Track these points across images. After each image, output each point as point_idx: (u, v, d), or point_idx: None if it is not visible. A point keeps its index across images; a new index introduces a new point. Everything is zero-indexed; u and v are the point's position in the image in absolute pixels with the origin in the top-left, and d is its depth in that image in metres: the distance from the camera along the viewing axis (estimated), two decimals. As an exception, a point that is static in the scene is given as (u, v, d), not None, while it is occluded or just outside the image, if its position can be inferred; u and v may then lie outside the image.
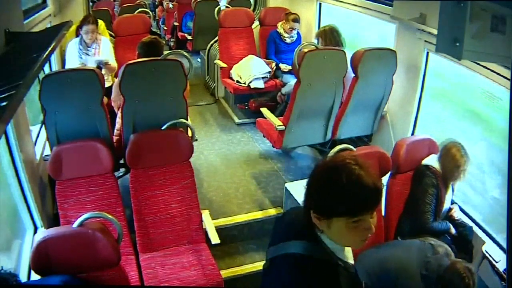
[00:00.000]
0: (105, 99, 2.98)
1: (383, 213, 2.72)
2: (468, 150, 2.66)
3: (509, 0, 1.84)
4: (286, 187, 3.23)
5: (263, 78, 4.39)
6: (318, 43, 3.67)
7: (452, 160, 2.63)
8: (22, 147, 2.50)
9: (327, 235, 1.28)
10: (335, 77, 3.27)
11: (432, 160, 2.70)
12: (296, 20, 4.39)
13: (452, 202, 2.79)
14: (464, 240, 2.66)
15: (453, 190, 2.77)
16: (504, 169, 2.15)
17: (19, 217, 2.50)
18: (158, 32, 7.34)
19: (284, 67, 4.41)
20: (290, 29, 4.40)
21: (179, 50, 4.26)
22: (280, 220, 1.43)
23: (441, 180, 2.65)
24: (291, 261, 1.29)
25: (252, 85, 4.36)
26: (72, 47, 3.78)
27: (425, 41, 3.11)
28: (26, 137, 2.64)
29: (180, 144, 2.79)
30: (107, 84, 3.29)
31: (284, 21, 4.43)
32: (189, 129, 3.03)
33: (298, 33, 4.52)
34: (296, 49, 3.57)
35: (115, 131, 3.10)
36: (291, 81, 4.12)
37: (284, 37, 4.45)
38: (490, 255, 2.51)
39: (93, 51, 3.77)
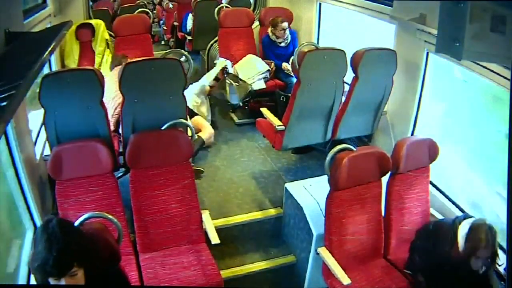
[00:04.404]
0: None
1: (383, 213, 2.73)
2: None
3: (509, 0, 1.84)
4: (286, 187, 3.23)
5: (263, 78, 4.39)
6: None
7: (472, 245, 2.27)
8: (22, 147, 2.50)
9: None
10: (335, 77, 3.27)
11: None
12: (283, 20, 4.37)
13: None
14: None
15: None
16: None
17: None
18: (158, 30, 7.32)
19: (287, 68, 4.37)
20: (282, 31, 4.37)
21: (179, 49, 4.25)
22: None
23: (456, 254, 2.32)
24: None
25: (254, 87, 4.34)
26: None
27: (425, 41, 3.11)
28: (26, 137, 2.64)
29: (180, 144, 2.79)
30: None
31: (272, 28, 4.39)
32: (189, 129, 3.03)
33: (291, 32, 4.49)
34: (296, 49, 3.56)
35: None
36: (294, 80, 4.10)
37: (278, 42, 4.43)
38: None
39: None
